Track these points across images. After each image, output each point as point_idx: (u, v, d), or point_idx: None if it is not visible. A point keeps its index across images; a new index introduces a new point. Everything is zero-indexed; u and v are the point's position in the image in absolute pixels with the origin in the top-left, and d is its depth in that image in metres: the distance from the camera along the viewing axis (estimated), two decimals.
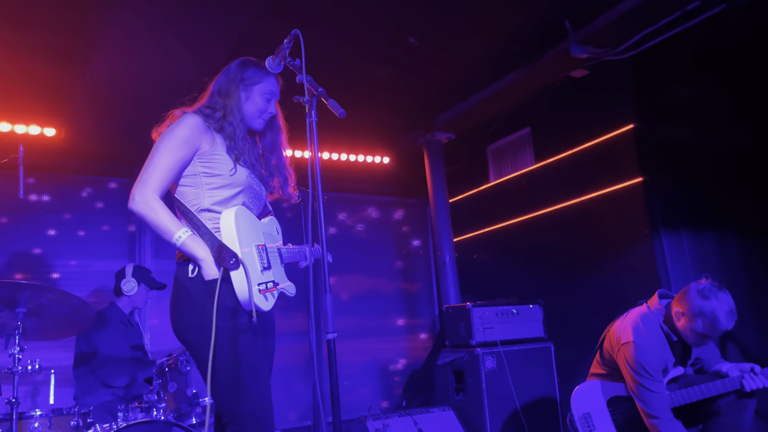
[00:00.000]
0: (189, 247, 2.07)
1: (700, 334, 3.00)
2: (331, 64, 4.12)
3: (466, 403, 4.45)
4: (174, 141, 2.13)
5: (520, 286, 5.19)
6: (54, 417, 2.97)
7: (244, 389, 1.98)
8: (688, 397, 3.09)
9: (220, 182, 2.18)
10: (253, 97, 2.29)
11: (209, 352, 1.89)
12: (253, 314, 1.96)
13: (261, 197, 2.36)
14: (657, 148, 4.47)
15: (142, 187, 2.08)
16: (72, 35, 3.75)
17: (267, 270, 2.16)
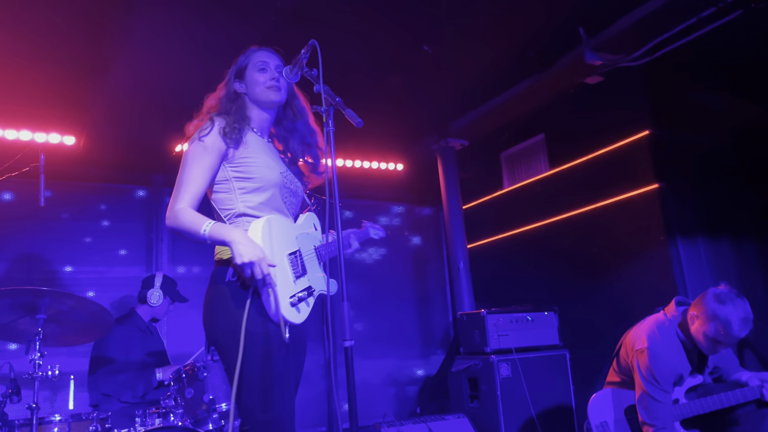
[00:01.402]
0: (217, 233, 2.01)
1: (712, 339, 2.96)
2: (345, 72, 4.15)
3: (480, 411, 4.44)
4: (196, 150, 2.13)
5: (534, 293, 5.17)
6: (73, 422, 3.01)
7: (270, 398, 1.96)
8: (707, 407, 3.05)
9: (251, 185, 2.16)
10: (251, 76, 2.28)
11: (238, 357, 1.90)
12: (283, 328, 1.95)
13: (297, 194, 2.32)
14: (673, 154, 4.44)
15: (170, 205, 2.09)
16: (92, 45, 3.81)
17: (302, 277, 2.12)
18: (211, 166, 2.13)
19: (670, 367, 3.02)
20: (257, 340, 1.99)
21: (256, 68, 2.28)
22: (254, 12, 3.60)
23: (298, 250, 2.17)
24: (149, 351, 3.93)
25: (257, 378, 1.98)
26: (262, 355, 1.98)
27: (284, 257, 2.10)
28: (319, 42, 2.12)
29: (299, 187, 2.33)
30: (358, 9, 3.71)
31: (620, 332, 3.55)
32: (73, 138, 4.80)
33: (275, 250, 2.07)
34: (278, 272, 2.03)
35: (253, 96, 2.28)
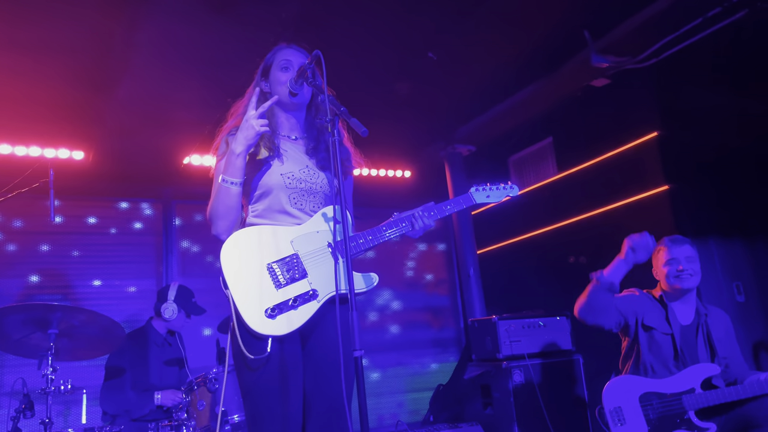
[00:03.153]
0: (224, 165, 2.06)
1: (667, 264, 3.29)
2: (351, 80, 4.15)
3: (494, 418, 4.40)
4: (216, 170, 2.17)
5: (546, 298, 5.13)
6: None
7: (259, 412, 1.94)
8: (723, 397, 3.04)
9: (257, 193, 2.16)
10: (274, 75, 2.24)
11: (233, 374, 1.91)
12: (241, 346, 1.91)
13: (314, 191, 2.20)
14: (682, 155, 4.41)
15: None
16: (99, 61, 3.84)
17: (294, 282, 2.01)
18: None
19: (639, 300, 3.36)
20: (238, 356, 1.96)
21: (279, 67, 2.24)
22: (259, 24, 3.61)
23: (293, 254, 2.06)
24: (166, 360, 3.89)
25: (246, 392, 1.97)
26: (246, 374, 1.97)
27: (262, 268, 2.01)
28: (324, 51, 2.12)
29: (317, 183, 2.21)
30: (362, 18, 3.72)
31: None
32: (82, 153, 4.84)
33: (246, 265, 2.00)
34: (250, 286, 1.96)
35: (276, 94, 2.22)
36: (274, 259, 2.03)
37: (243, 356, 1.93)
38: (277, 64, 2.25)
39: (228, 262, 1.98)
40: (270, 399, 1.94)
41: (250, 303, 1.94)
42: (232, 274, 1.97)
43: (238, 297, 1.94)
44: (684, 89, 4.53)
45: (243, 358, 1.94)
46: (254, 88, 2.26)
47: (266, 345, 1.93)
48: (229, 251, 2.00)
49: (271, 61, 2.28)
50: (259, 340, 1.94)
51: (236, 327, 1.94)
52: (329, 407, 2.05)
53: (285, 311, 1.96)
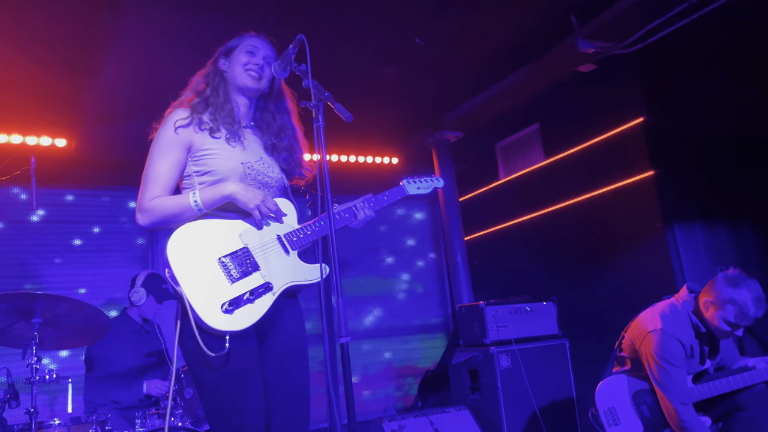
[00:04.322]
0: (210, 197, 1.99)
1: (731, 323, 2.98)
2: (337, 67, 4.12)
3: (481, 403, 4.43)
4: (161, 145, 2.08)
5: (533, 284, 5.16)
6: (72, 426, 3.00)
7: (225, 407, 1.91)
8: (716, 390, 3.06)
9: (210, 179, 2.07)
10: (236, 57, 2.21)
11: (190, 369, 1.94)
12: (200, 342, 1.86)
13: (270, 185, 2.19)
14: (668, 141, 4.43)
15: (137, 208, 2.03)
16: (81, 46, 3.78)
17: (246, 276, 1.96)
18: (177, 160, 2.07)
19: (681, 347, 3.04)
20: (197, 354, 1.90)
21: (244, 50, 2.22)
22: (243, 8, 3.57)
23: (242, 248, 2.01)
24: (146, 352, 3.87)
25: (205, 391, 1.94)
26: (203, 369, 1.92)
27: (213, 263, 1.95)
28: (310, 37, 2.09)
29: (273, 178, 2.21)
30: (349, 3, 3.68)
31: (619, 319, 3.55)
32: (64, 140, 4.77)
33: (197, 261, 1.93)
34: (202, 282, 1.90)
35: (231, 75, 2.21)
36: (224, 254, 1.98)
37: (202, 355, 1.87)
38: (243, 47, 2.23)
39: (177, 258, 1.91)
40: (231, 396, 1.91)
41: (204, 299, 1.88)
42: (182, 269, 1.90)
43: (192, 294, 1.88)
44: (670, 74, 4.54)
45: (202, 356, 1.88)
46: (213, 64, 2.25)
47: (224, 342, 1.88)
48: (177, 246, 1.93)
49: (237, 44, 2.25)
50: (216, 337, 1.89)
51: (193, 325, 1.87)
52: (292, 401, 2.08)
53: (241, 306, 1.92)
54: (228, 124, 2.13)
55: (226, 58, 2.25)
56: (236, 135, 2.13)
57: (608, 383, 3.30)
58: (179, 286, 1.88)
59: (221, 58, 2.26)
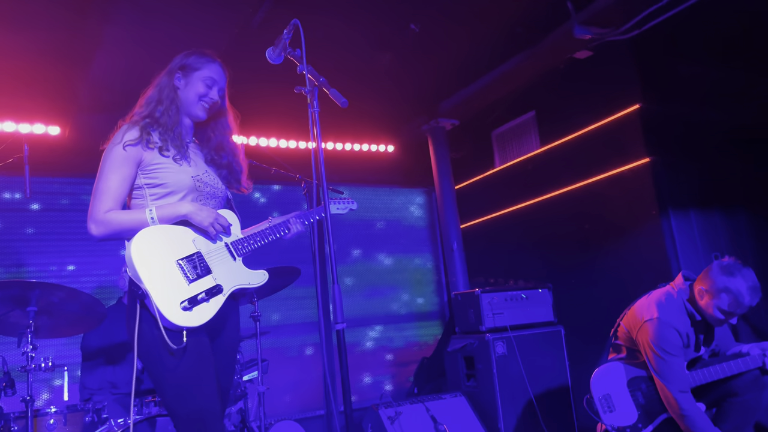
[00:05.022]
0: (165, 214, 2.11)
1: (725, 311, 3.00)
2: (332, 53, 4.09)
3: (477, 389, 4.46)
4: (112, 162, 2.16)
5: (528, 271, 5.18)
6: (69, 413, 3.01)
7: (183, 394, 2.04)
8: (710, 376, 3.08)
9: (162, 191, 2.19)
10: (193, 83, 2.27)
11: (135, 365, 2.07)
12: (165, 335, 2.01)
13: (216, 196, 2.32)
14: (663, 128, 4.43)
15: (90, 219, 2.14)
16: (73, 33, 3.74)
17: (201, 278, 2.12)
18: (127, 176, 2.16)
19: (678, 336, 3.05)
20: (153, 345, 2.05)
21: (204, 80, 2.28)
22: None
23: (196, 252, 2.16)
24: None
25: (166, 380, 2.06)
26: (162, 359, 2.05)
27: (172, 264, 2.10)
28: (304, 22, 2.08)
29: (219, 189, 2.34)
30: None
31: (614, 306, 3.56)
32: (57, 128, 4.74)
33: (157, 262, 2.08)
34: (163, 281, 2.05)
35: (184, 96, 2.28)
36: (181, 256, 2.13)
37: (163, 347, 2.01)
38: (202, 76, 2.29)
39: (139, 259, 2.05)
40: (188, 383, 2.05)
41: (165, 297, 2.03)
42: (145, 270, 2.04)
43: (155, 292, 2.02)
44: (666, 61, 4.53)
45: (163, 349, 2.02)
46: (168, 77, 2.29)
47: (181, 336, 2.03)
48: (139, 248, 2.07)
49: (197, 67, 2.30)
50: (174, 332, 2.03)
51: (158, 319, 2.01)
52: (222, 393, 2.24)
53: (198, 304, 2.07)
54: (177, 146, 2.24)
55: (184, 76, 2.30)
56: (184, 155, 2.25)
57: (603, 370, 3.32)
58: (143, 284, 2.02)
59: (178, 72, 2.30)
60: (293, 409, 5.27)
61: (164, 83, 2.29)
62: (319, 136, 1.91)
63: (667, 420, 3.14)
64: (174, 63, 2.32)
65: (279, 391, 5.22)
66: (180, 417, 2.05)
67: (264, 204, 5.66)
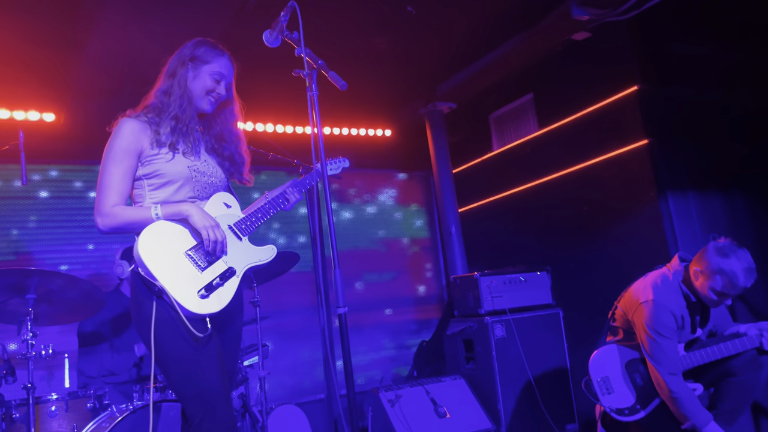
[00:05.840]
0: (170, 213, 2.13)
1: (719, 293, 3.00)
2: (328, 36, 4.06)
3: (476, 372, 4.48)
4: (115, 154, 2.17)
5: (527, 254, 5.18)
6: (70, 400, 3.02)
7: (192, 376, 2.07)
8: (707, 357, 3.10)
9: (159, 182, 2.20)
10: (202, 76, 2.27)
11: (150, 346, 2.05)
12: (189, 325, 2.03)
13: (215, 185, 2.32)
14: (662, 109, 4.41)
15: (97, 212, 2.15)
16: (67, 18, 3.70)
17: (212, 264, 2.15)
18: (130, 168, 2.18)
19: (674, 318, 3.06)
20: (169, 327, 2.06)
21: (212, 74, 2.28)
22: None
23: (202, 240, 2.16)
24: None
25: (177, 361, 2.08)
26: (175, 341, 2.06)
27: (181, 256, 2.12)
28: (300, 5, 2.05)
29: (218, 178, 2.33)
30: None
31: (613, 288, 3.57)
32: (53, 115, 4.70)
33: (167, 256, 2.09)
34: (177, 275, 2.07)
35: (192, 88, 2.28)
36: (188, 247, 2.14)
37: (183, 338, 2.04)
38: (211, 70, 2.28)
39: (149, 257, 2.05)
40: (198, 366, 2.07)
41: (181, 288, 2.05)
42: (155, 265, 2.05)
43: (170, 286, 2.03)
44: (665, 42, 4.50)
45: (183, 340, 2.04)
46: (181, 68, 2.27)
47: (205, 323, 2.06)
48: (147, 246, 2.07)
49: (206, 59, 2.29)
50: (196, 321, 2.05)
51: (178, 311, 2.03)
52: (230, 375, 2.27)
53: (214, 290, 2.10)
54: (187, 139, 2.24)
55: (195, 70, 2.28)
56: (194, 147, 2.25)
57: (601, 353, 3.34)
58: (157, 281, 2.03)
59: (190, 65, 2.28)
60: (294, 394, 5.30)
61: (176, 74, 2.27)
62: (318, 119, 1.90)
63: (664, 401, 3.17)
64: (184, 52, 2.30)
65: (279, 375, 5.25)
66: (184, 397, 2.09)
67: (262, 190, 5.64)
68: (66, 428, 2.97)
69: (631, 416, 3.20)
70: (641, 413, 3.19)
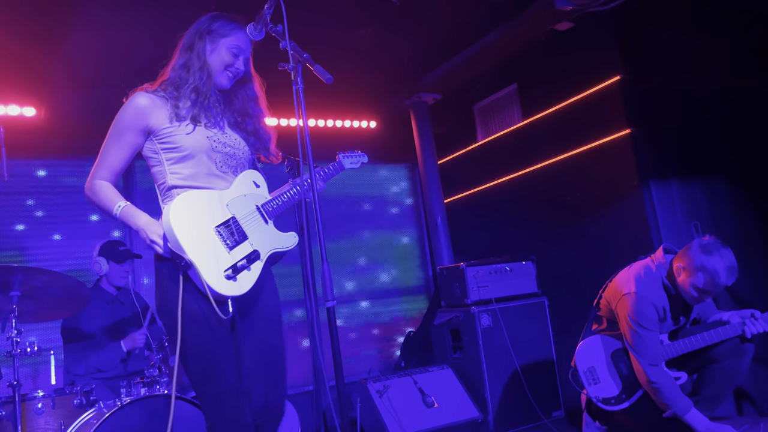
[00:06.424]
0: (126, 217, 2.08)
1: (700, 290, 3.02)
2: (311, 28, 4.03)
3: (464, 361, 4.52)
4: (116, 128, 2.14)
5: (512, 244, 5.22)
6: (57, 397, 2.99)
7: (213, 372, 2.00)
8: (690, 345, 3.13)
9: (177, 155, 2.12)
10: (219, 50, 2.19)
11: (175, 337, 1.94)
12: (215, 305, 1.94)
13: (237, 157, 2.24)
14: (644, 99, 4.45)
15: (89, 177, 2.14)
16: (45, 11, 3.63)
17: (240, 244, 2.07)
18: (131, 143, 2.14)
19: (655, 311, 3.09)
20: (191, 319, 1.99)
21: (230, 48, 2.20)
22: None
23: (231, 217, 2.11)
24: (119, 320, 3.84)
25: (197, 355, 2.01)
26: (197, 333, 1.99)
27: (211, 231, 2.04)
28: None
29: (240, 150, 2.26)
30: None
31: (596, 276, 3.61)
32: (33, 109, 4.63)
33: (197, 230, 2.01)
34: (206, 250, 1.99)
35: (209, 63, 2.21)
36: (218, 223, 2.07)
37: (204, 333, 1.97)
38: (229, 44, 2.20)
39: (179, 228, 1.97)
40: (220, 362, 2.01)
41: (209, 266, 1.97)
42: (186, 239, 1.96)
43: (197, 260, 1.95)
44: (647, 32, 4.53)
45: (204, 334, 1.98)
46: (199, 41, 2.20)
47: (227, 306, 1.98)
48: (178, 217, 1.99)
49: (224, 33, 2.21)
50: (219, 303, 1.97)
51: (205, 290, 1.94)
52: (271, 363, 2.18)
53: (240, 272, 2.02)
54: (208, 112, 2.17)
55: (213, 43, 2.21)
56: (217, 123, 2.19)
57: (587, 343, 3.38)
58: (185, 254, 1.94)
59: (207, 38, 2.21)
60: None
61: (194, 47, 2.20)
62: (304, 113, 1.89)
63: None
64: (201, 25, 2.23)
65: None
66: (203, 396, 2.03)
67: None
68: (53, 425, 2.95)
69: (616, 405, 3.25)
70: (626, 403, 3.24)
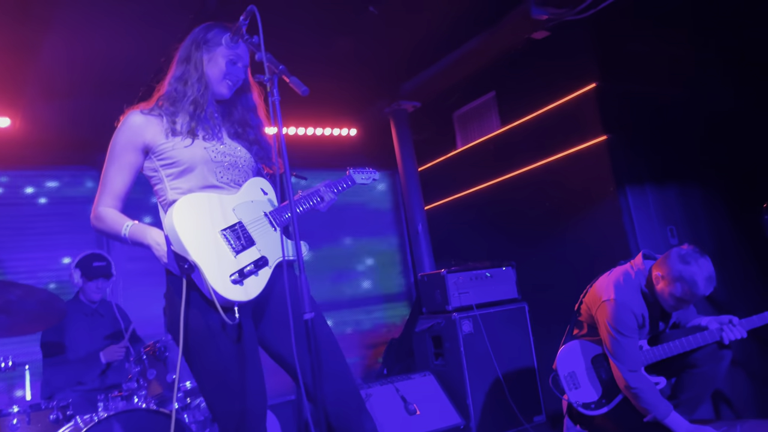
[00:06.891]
0: (135, 236, 2.00)
1: (678, 299, 3.05)
2: (290, 38, 4.03)
3: (445, 368, 4.53)
4: (113, 151, 2.12)
5: (492, 250, 5.25)
6: (32, 412, 2.94)
7: (226, 389, 1.95)
8: (669, 351, 3.16)
9: (177, 170, 2.08)
10: (216, 59, 2.16)
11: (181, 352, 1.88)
12: (221, 311, 1.86)
13: (239, 166, 2.18)
14: (620, 106, 4.51)
15: (93, 207, 2.10)
16: (17, 18, 3.59)
17: (246, 249, 2.01)
18: (130, 164, 2.11)
19: (634, 318, 3.12)
20: (197, 334, 1.94)
21: (227, 56, 2.17)
22: None
23: (238, 222, 2.05)
24: (102, 335, 3.81)
25: (204, 373, 1.96)
26: (202, 351, 1.95)
27: (216, 235, 1.99)
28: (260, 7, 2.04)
29: (242, 158, 2.21)
30: None
31: (575, 282, 3.65)
32: (8, 119, 4.57)
33: (201, 232, 1.96)
34: (210, 252, 1.93)
35: (207, 74, 2.17)
36: (224, 227, 2.02)
37: (209, 333, 1.92)
38: (226, 53, 2.17)
39: (183, 229, 1.92)
40: (233, 379, 1.95)
41: (214, 269, 1.90)
42: (190, 240, 1.91)
43: (202, 262, 1.89)
44: (623, 40, 4.60)
45: (210, 335, 1.92)
46: (196, 53, 2.17)
47: (233, 313, 1.91)
48: (182, 217, 1.94)
49: (220, 41, 2.17)
50: (224, 308, 1.90)
51: (210, 293, 1.88)
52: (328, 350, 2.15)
53: (247, 277, 1.96)
54: (206, 125, 2.13)
55: (209, 53, 2.17)
56: (215, 134, 2.15)
57: (568, 349, 3.40)
58: (189, 255, 1.88)
59: (204, 48, 2.17)
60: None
61: (191, 58, 2.16)
62: (280, 125, 1.89)
63: None
64: (197, 36, 2.19)
65: None
66: (216, 415, 1.97)
67: None
68: None
69: (597, 410, 3.27)
70: (606, 407, 3.26)
